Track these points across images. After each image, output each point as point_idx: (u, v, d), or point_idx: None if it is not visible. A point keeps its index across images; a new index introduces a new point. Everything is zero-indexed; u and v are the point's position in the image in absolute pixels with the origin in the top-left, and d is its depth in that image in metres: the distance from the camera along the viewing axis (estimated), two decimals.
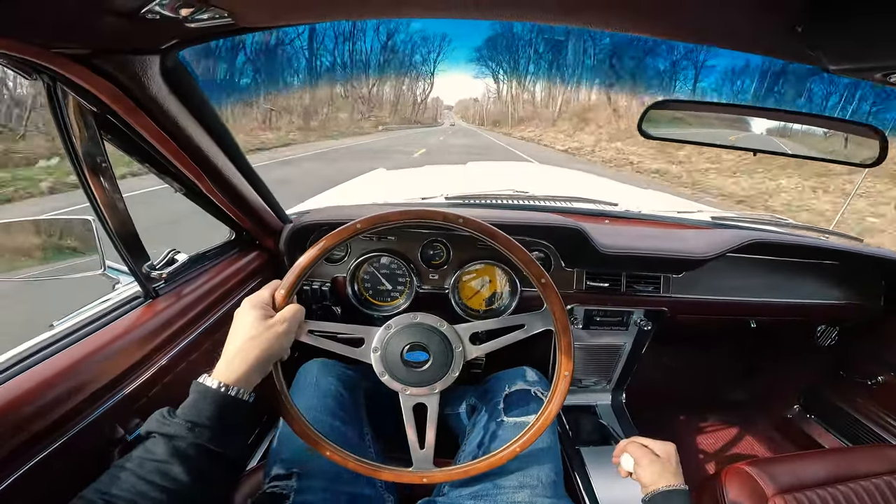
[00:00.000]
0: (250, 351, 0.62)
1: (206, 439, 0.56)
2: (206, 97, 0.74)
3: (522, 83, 55.07)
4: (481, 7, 0.51)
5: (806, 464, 1.00)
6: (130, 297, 0.84)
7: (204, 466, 0.56)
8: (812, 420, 1.72)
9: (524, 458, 0.84)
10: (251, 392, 0.62)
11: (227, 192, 0.93)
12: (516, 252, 0.75)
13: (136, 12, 0.49)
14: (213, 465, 0.57)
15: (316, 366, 0.99)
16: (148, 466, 0.53)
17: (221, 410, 0.58)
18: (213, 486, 0.59)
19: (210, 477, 0.57)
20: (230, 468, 0.62)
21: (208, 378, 0.60)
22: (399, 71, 59.81)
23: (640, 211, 1.55)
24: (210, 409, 0.57)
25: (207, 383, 0.59)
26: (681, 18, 0.55)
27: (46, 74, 0.55)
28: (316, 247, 0.71)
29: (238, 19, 0.55)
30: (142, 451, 0.55)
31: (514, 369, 1.05)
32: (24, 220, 0.77)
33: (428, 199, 1.52)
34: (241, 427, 0.62)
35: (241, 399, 0.60)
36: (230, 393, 0.59)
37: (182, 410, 0.58)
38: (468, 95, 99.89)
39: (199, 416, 0.57)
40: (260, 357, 0.62)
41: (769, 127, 0.93)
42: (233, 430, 0.60)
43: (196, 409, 0.57)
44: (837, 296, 1.42)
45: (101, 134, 0.67)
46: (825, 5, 0.44)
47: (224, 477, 0.61)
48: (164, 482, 0.53)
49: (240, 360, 0.61)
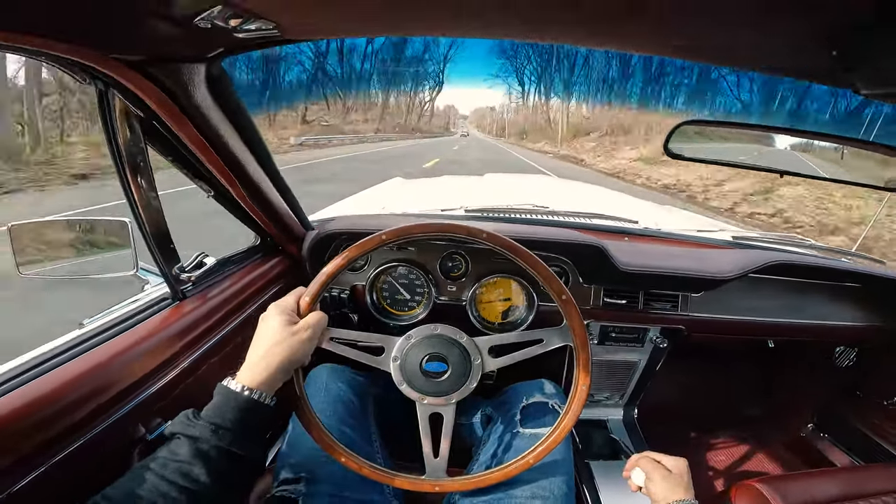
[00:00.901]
0: (274, 356, 0.63)
1: (229, 442, 0.57)
2: (244, 105, 0.77)
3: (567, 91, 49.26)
4: (523, 27, 0.52)
5: (818, 482, 0.98)
6: (159, 299, 0.85)
7: (225, 468, 0.57)
8: (826, 439, 1.69)
9: (538, 470, 0.84)
10: (273, 396, 0.63)
11: (256, 199, 0.95)
12: (538, 268, 0.75)
13: (189, 20, 0.51)
14: (234, 468, 0.58)
15: (326, 371, 0.99)
16: (171, 467, 0.54)
17: (244, 414, 0.59)
18: (233, 488, 0.60)
19: (230, 479, 0.58)
20: (250, 470, 0.62)
21: (232, 381, 0.61)
22: (392, 71, 56.33)
23: (659, 229, 1.54)
24: (233, 412, 0.58)
25: (231, 386, 0.60)
26: (715, 42, 0.56)
27: (101, 80, 0.57)
28: (341, 256, 0.72)
29: (284, 31, 0.57)
30: (166, 452, 0.56)
31: (533, 381, 1.05)
32: (63, 219, 0.79)
33: (447, 211, 1.53)
34: (262, 430, 0.63)
35: (263, 403, 0.61)
36: (253, 396, 0.60)
37: (206, 412, 0.59)
38: (484, 104, 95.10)
39: (222, 419, 0.58)
40: (283, 362, 0.63)
41: (797, 147, 0.93)
42: (254, 434, 0.61)
43: (220, 412, 0.58)
44: (858, 318, 1.40)
45: (145, 139, 0.69)
46: (861, 30, 0.45)
47: (244, 479, 0.62)
48: (186, 483, 0.53)
49: (264, 365, 0.62)
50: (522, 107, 64.21)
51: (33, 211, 6.40)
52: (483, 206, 1.53)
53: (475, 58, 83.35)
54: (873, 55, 0.48)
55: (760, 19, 0.47)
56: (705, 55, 0.62)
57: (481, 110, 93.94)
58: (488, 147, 36.95)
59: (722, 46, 0.57)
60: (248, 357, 0.64)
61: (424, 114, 65.12)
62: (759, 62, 0.61)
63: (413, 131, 54.19)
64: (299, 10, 0.52)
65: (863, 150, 0.92)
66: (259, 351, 0.63)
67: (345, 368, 1.00)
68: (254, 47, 0.62)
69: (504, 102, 70.56)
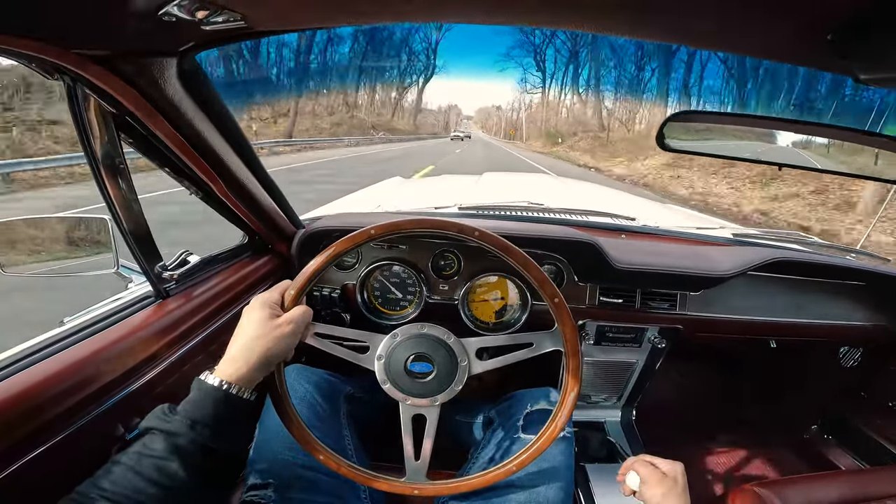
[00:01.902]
0: (254, 350, 0.61)
1: (206, 437, 0.56)
2: (222, 100, 0.76)
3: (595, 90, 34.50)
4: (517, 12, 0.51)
5: (819, 485, 0.96)
6: (142, 297, 0.85)
7: (202, 464, 0.55)
8: (829, 441, 1.66)
9: (536, 476, 0.83)
10: (252, 391, 0.61)
11: (241, 196, 0.94)
12: (530, 269, 0.74)
13: (153, 14, 0.50)
14: (212, 463, 0.57)
15: (294, 371, 0.96)
16: (146, 462, 0.53)
17: (222, 408, 0.58)
18: (211, 484, 0.58)
19: (208, 474, 0.57)
20: (229, 466, 0.61)
21: (210, 376, 0.59)
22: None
23: (657, 226, 1.51)
24: (211, 406, 0.57)
25: (209, 381, 0.59)
26: (710, 28, 0.54)
27: (67, 75, 0.57)
28: (328, 250, 0.71)
29: (251, 23, 0.56)
30: (140, 447, 0.55)
31: (539, 389, 1.03)
32: (42, 217, 0.79)
33: (441, 209, 1.51)
34: (241, 425, 0.62)
35: (241, 398, 0.59)
36: (231, 391, 0.58)
37: (183, 407, 0.58)
38: (490, 102, 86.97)
39: (199, 414, 0.56)
40: (263, 356, 0.61)
41: (795, 140, 0.90)
42: (233, 429, 0.60)
43: (197, 407, 0.57)
44: (863, 317, 1.37)
45: (118, 135, 0.68)
46: (857, 14, 0.43)
47: (222, 475, 0.61)
48: (162, 478, 0.52)
49: (243, 359, 0.60)
50: (542, 102, 51.84)
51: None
52: (477, 204, 1.51)
53: (473, 45, 78.69)
54: (870, 40, 0.47)
55: (754, 4, 0.46)
56: (700, 40, 0.60)
57: (486, 110, 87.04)
58: (499, 156, 26.44)
59: (717, 31, 0.55)
60: (227, 350, 0.62)
61: (400, 108, 53.07)
62: (756, 48, 0.59)
63: (387, 132, 41.60)
64: (264, 0, 0.51)
65: (863, 141, 0.88)
66: (239, 344, 0.62)
67: (314, 370, 0.98)
68: (224, 41, 0.61)
69: (515, 97, 58.33)
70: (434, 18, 0.53)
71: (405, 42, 51.32)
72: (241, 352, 0.61)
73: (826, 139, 0.89)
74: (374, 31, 46.17)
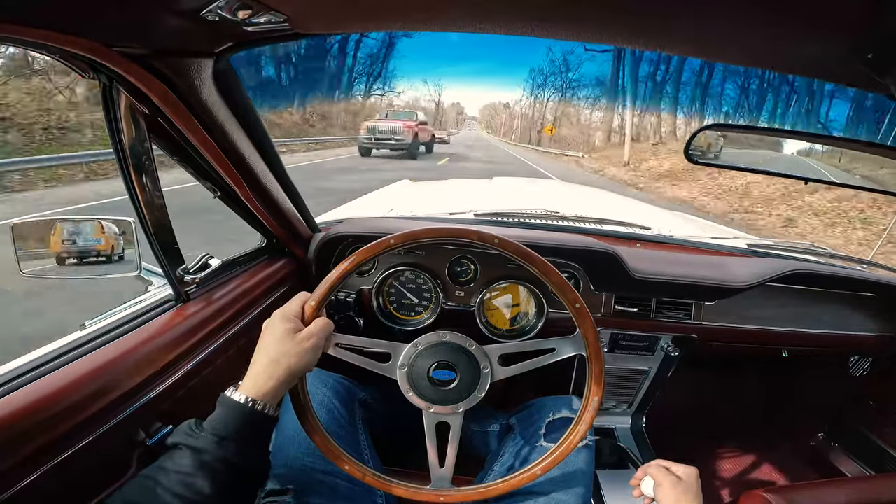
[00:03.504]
0: (278, 366, 0.61)
1: (232, 453, 0.57)
2: (252, 103, 0.75)
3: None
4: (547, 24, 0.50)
5: (827, 491, 0.96)
6: (163, 300, 0.84)
7: (228, 480, 0.57)
8: (837, 448, 1.66)
9: (555, 482, 0.83)
10: (276, 406, 0.62)
11: (263, 200, 0.93)
12: (551, 275, 0.74)
13: (196, 13, 0.49)
14: (238, 479, 0.58)
15: (311, 375, 0.95)
16: (174, 478, 0.54)
17: (248, 425, 0.59)
18: (237, 499, 0.60)
19: (233, 490, 0.58)
20: (253, 482, 0.63)
21: (236, 392, 0.60)
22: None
23: (672, 235, 1.51)
24: (237, 423, 0.58)
25: (235, 397, 0.59)
26: (749, 44, 0.54)
27: (104, 73, 0.56)
28: (348, 260, 0.71)
29: (295, 25, 0.55)
30: (168, 463, 0.56)
31: (561, 397, 1.02)
32: (67, 218, 0.78)
33: (456, 215, 1.50)
34: (265, 441, 0.63)
35: (267, 414, 0.60)
36: (257, 408, 0.59)
37: (209, 423, 0.59)
38: (497, 99, 75.51)
39: (226, 430, 0.57)
40: (287, 372, 0.62)
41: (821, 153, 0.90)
42: (258, 445, 0.61)
43: (223, 423, 0.58)
44: (874, 327, 1.38)
45: (149, 136, 0.67)
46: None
47: (247, 490, 0.62)
48: (189, 494, 0.53)
49: (267, 375, 0.61)
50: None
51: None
52: (493, 211, 1.50)
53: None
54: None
55: (794, 22, 0.46)
56: (735, 57, 0.60)
57: (493, 106, 79.71)
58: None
59: (755, 49, 0.55)
60: (251, 366, 0.63)
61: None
62: (793, 65, 0.59)
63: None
64: (311, 1, 0.51)
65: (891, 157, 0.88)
66: (263, 360, 0.62)
67: (331, 374, 0.97)
68: (264, 41, 0.60)
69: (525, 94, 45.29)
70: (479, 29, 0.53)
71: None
72: (265, 368, 0.61)
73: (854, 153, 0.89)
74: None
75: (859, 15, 0.42)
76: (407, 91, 49.94)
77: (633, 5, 0.47)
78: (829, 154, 0.92)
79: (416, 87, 55.70)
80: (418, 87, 57.56)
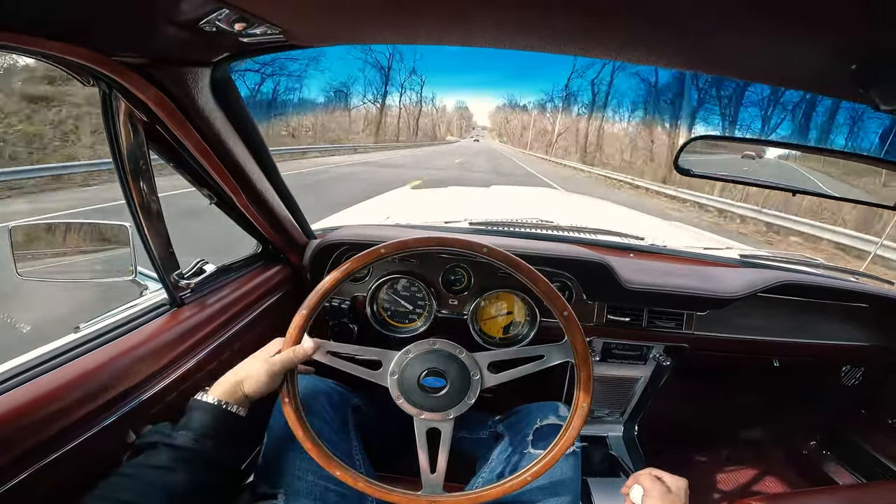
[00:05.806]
0: (237, 375, 0.71)
1: (208, 448, 0.62)
2: (248, 110, 0.76)
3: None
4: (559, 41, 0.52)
5: (817, 500, 0.95)
6: (157, 304, 0.84)
7: (204, 475, 0.61)
8: (829, 457, 1.67)
9: (543, 489, 0.83)
10: (244, 408, 0.70)
11: (259, 207, 0.95)
12: (539, 284, 0.74)
13: (194, 23, 0.51)
14: (212, 474, 0.63)
15: (306, 380, 0.95)
16: (151, 474, 0.57)
17: (218, 422, 0.65)
18: (213, 495, 0.64)
19: (210, 485, 0.63)
20: (227, 477, 0.68)
21: (205, 395, 0.68)
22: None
23: (665, 246, 1.52)
24: (213, 422, 0.64)
25: (207, 400, 0.67)
26: (733, 57, 0.55)
27: (104, 81, 0.57)
28: (339, 269, 0.72)
29: (289, 37, 0.57)
30: (144, 459, 0.59)
31: (548, 403, 1.03)
32: (63, 222, 0.79)
33: (451, 223, 1.51)
34: (239, 439, 0.68)
35: (238, 414, 0.68)
36: (230, 409, 0.67)
37: (185, 424, 0.64)
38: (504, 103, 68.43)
39: (202, 429, 0.63)
40: (241, 382, 0.70)
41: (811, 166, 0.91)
42: (232, 442, 0.67)
43: (199, 423, 0.64)
44: (865, 338, 1.39)
45: (147, 143, 0.69)
46: (883, 44, 0.44)
47: (224, 486, 0.67)
48: (167, 489, 0.57)
49: (230, 382, 0.70)
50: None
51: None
52: (487, 220, 1.51)
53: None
54: (892, 69, 0.48)
55: (779, 32, 0.47)
56: (724, 68, 0.62)
57: (502, 111, 73.47)
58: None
59: (739, 60, 0.56)
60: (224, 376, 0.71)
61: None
62: (776, 75, 0.61)
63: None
64: (305, 15, 0.52)
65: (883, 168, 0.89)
66: (236, 369, 0.72)
67: (324, 380, 0.97)
68: (260, 52, 0.62)
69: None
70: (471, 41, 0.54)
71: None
72: (231, 375, 0.71)
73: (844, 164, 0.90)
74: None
75: (845, 28, 0.43)
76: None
77: (620, 19, 0.48)
78: (825, 164, 0.93)
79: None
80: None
